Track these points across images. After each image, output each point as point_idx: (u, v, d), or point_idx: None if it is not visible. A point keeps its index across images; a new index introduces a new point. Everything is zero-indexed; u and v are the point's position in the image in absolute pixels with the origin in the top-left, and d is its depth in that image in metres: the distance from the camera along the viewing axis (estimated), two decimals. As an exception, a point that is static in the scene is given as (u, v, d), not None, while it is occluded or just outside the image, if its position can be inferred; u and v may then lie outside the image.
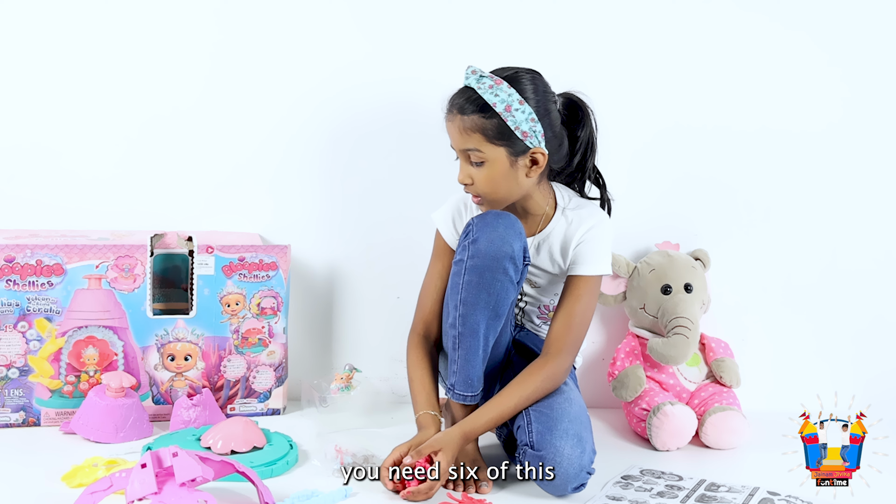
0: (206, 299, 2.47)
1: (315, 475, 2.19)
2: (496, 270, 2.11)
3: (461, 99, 2.17)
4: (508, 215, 2.16)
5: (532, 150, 2.18)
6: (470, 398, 2.21)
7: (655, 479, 2.26)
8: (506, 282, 2.13)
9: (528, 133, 2.15)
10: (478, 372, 2.20)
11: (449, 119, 2.20)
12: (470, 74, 2.17)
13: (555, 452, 2.07)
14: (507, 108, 2.14)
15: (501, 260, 2.11)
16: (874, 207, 2.79)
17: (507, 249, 2.11)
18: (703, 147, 2.72)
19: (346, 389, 2.54)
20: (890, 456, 2.16)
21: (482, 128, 2.15)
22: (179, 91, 2.62)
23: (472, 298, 2.14)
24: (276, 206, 2.67)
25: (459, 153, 2.21)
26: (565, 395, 2.18)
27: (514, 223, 2.15)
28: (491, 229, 2.13)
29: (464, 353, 2.19)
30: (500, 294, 2.13)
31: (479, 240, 2.13)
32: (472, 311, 2.15)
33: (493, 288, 2.13)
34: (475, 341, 2.17)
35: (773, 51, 2.71)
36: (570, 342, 2.23)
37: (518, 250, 2.13)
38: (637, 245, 2.71)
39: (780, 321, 2.79)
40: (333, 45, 2.63)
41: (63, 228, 2.57)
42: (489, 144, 2.16)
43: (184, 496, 1.81)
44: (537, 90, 2.18)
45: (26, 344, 2.39)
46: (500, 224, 2.13)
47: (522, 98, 2.15)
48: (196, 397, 2.42)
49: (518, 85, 2.16)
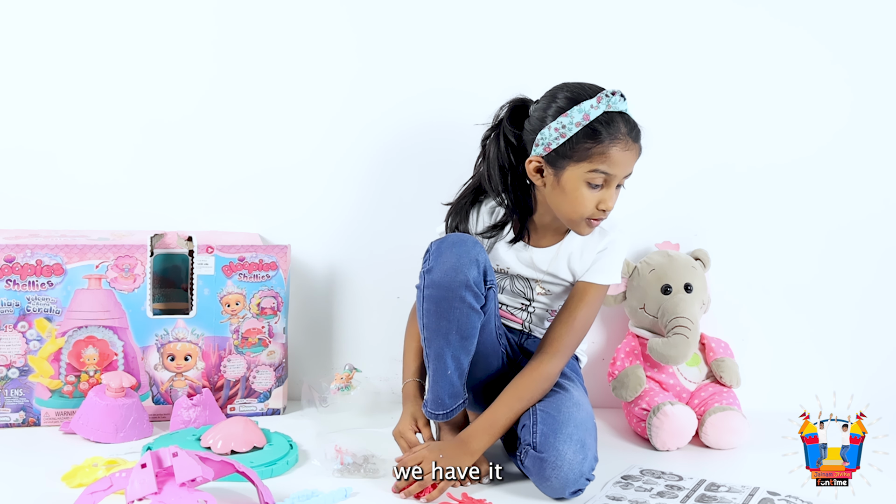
0: (206, 299, 2.47)
1: (315, 475, 2.19)
2: (453, 300, 2.09)
3: (635, 129, 2.18)
4: (465, 240, 2.12)
5: None
6: (442, 416, 2.22)
7: (655, 479, 2.26)
8: (465, 309, 2.10)
9: None
10: (448, 391, 2.19)
11: (626, 147, 2.16)
12: (622, 100, 2.16)
13: (556, 455, 2.06)
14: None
15: (457, 290, 2.08)
16: (873, 207, 2.79)
17: (461, 279, 2.08)
18: (703, 147, 2.72)
19: (346, 389, 2.54)
20: (890, 455, 2.16)
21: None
22: (181, 92, 2.62)
23: (433, 325, 2.13)
24: (276, 206, 2.67)
25: (620, 180, 2.20)
26: (574, 399, 2.18)
27: (471, 249, 2.11)
28: (445, 258, 2.09)
29: (432, 374, 2.20)
30: (460, 321, 2.11)
31: (434, 269, 2.10)
32: (434, 336, 2.14)
33: (451, 316, 2.11)
34: (441, 364, 2.16)
35: (775, 50, 2.71)
36: (569, 344, 2.23)
37: (476, 277, 2.10)
38: (637, 245, 2.71)
39: (780, 321, 2.80)
40: (333, 47, 2.64)
41: (63, 228, 2.57)
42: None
43: (184, 496, 1.81)
44: None
45: (26, 344, 2.39)
46: (454, 252, 2.10)
47: None
48: (196, 397, 2.42)
49: None
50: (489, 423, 2.16)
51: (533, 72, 2.34)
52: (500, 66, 2.64)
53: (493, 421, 2.16)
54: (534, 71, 2.37)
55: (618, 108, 2.15)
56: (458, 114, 2.52)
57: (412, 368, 2.34)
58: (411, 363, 2.35)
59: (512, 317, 2.38)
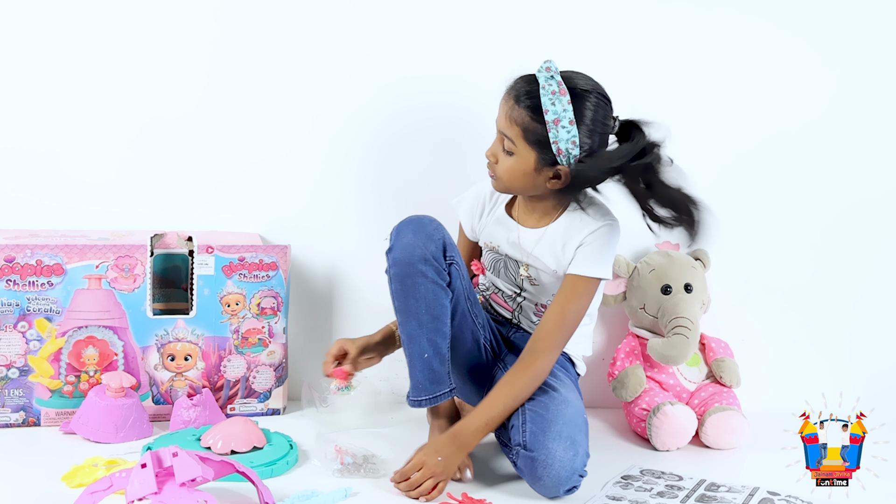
0: (206, 299, 2.47)
1: (315, 475, 2.19)
2: (414, 275, 2.14)
3: (522, 88, 2.17)
4: (422, 219, 2.19)
5: (558, 167, 2.17)
6: (425, 402, 2.24)
7: (655, 479, 2.26)
8: (427, 284, 2.15)
9: (563, 152, 2.14)
10: (429, 376, 2.22)
11: (504, 98, 2.20)
12: (543, 70, 2.15)
13: (547, 454, 2.07)
14: (555, 121, 2.12)
15: (415, 264, 2.14)
16: (873, 207, 2.79)
17: (419, 253, 2.14)
18: (702, 147, 2.72)
19: (346, 389, 2.54)
20: (890, 443, 2.15)
21: (525, 126, 2.15)
22: (180, 92, 2.62)
23: (402, 306, 2.18)
24: (276, 206, 2.67)
25: (498, 132, 2.22)
26: (562, 396, 2.18)
27: (427, 226, 2.18)
28: (402, 236, 2.16)
29: (409, 359, 2.23)
30: (427, 297, 2.16)
31: (394, 248, 2.17)
32: (406, 318, 2.19)
33: (417, 293, 2.15)
34: (417, 347, 2.20)
35: (773, 49, 2.72)
36: (559, 340, 2.23)
37: (434, 251, 2.15)
38: (637, 245, 2.71)
39: (780, 321, 2.80)
40: (335, 45, 2.64)
41: (63, 228, 2.57)
42: (524, 143, 2.16)
43: (184, 496, 1.81)
44: (595, 116, 2.16)
45: (26, 344, 2.39)
46: (411, 229, 2.17)
47: (575, 119, 2.13)
48: (196, 397, 2.42)
49: (579, 104, 2.14)
50: (483, 420, 2.16)
51: (527, 56, 2.33)
52: (496, 50, 2.64)
53: (486, 418, 2.16)
54: (528, 55, 2.36)
55: (535, 74, 2.18)
56: (456, 106, 2.54)
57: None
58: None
59: (504, 304, 2.39)
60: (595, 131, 2.15)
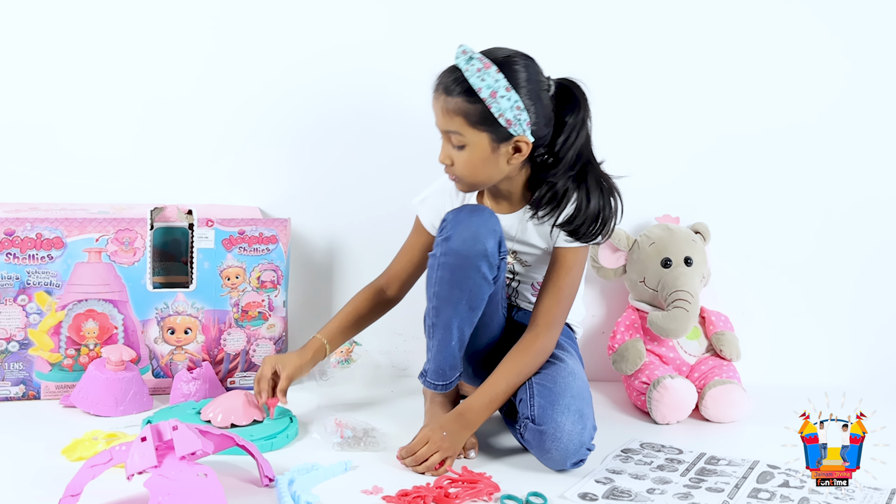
0: (205, 273, 2.47)
1: (315, 449, 2.19)
2: (469, 269, 2.10)
3: (448, 79, 2.12)
4: (483, 210, 2.14)
5: (516, 139, 2.12)
6: (441, 387, 2.23)
7: (655, 453, 2.26)
8: (479, 279, 2.11)
9: (512, 121, 2.09)
10: (450, 362, 2.21)
11: (434, 98, 2.15)
12: (460, 55, 2.11)
13: (556, 428, 2.07)
14: (492, 94, 2.08)
15: (474, 259, 2.09)
16: (874, 180, 2.78)
17: (479, 248, 2.09)
18: (703, 120, 2.72)
19: (346, 363, 2.55)
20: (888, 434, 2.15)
21: (465, 112, 2.10)
22: (180, 65, 2.61)
23: (444, 294, 2.13)
24: (276, 179, 2.67)
25: (442, 133, 2.17)
26: (569, 368, 2.18)
27: (489, 219, 2.12)
28: (464, 227, 2.10)
29: (436, 343, 2.20)
30: (473, 291, 2.12)
31: (453, 237, 2.10)
32: (444, 305, 2.14)
33: (465, 285, 2.11)
34: (447, 334, 2.17)
35: (773, 21, 2.71)
36: (559, 315, 2.22)
37: (492, 247, 2.10)
38: (637, 218, 2.70)
39: (780, 295, 2.80)
40: (332, 20, 2.63)
41: (63, 202, 2.57)
42: (471, 129, 2.11)
43: (184, 469, 1.82)
44: (529, 77, 2.11)
45: (26, 317, 2.39)
46: (474, 221, 2.11)
47: (510, 85, 2.08)
48: (196, 371, 2.42)
49: (508, 70, 2.09)
50: (487, 398, 2.16)
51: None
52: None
53: (491, 396, 2.16)
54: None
55: (454, 63, 2.14)
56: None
57: (328, 326, 2.34)
58: (332, 321, 2.35)
59: None
60: (534, 90, 2.11)
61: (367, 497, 1.99)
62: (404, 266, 2.37)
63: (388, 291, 2.37)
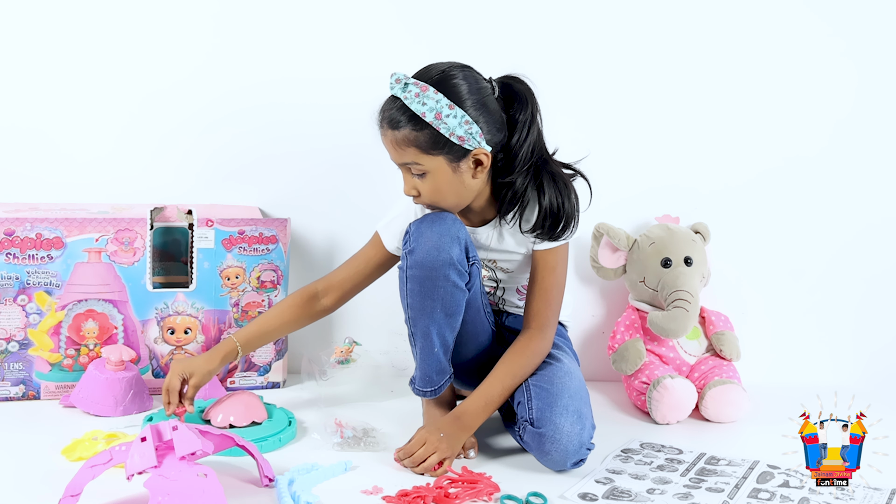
0: (205, 273, 2.47)
1: (315, 449, 2.19)
2: (437, 279, 2.09)
3: (389, 111, 2.08)
4: (446, 218, 2.11)
5: (473, 153, 2.09)
6: (430, 393, 2.23)
7: (655, 453, 2.26)
8: (449, 287, 2.10)
9: (464, 137, 2.06)
10: (436, 367, 2.20)
11: (381, 134, 2.11)
12: (394, 83, 2.06)
13: (555, 429, 2.07)
14: (437, 115, 2.04)
15: (441, 268, 2.08)
16: (876, 180, 2.78)
17: (444, 257, 2.07)
18: (703, 120, 2.72)
19: (346, 363, 2.54)
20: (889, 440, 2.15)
21: (415, 140, 2.06)
22: (179, 65, 2.61)
23: (417, 305, 2.13)
24: (276, 179, 2.67)
25: (400, 167, 2.14)
26: (565, 368, 2.18)
27: (451, 226, 2.09)
28: (426, 238, 2.08)
29: (419, 351, 2.20)
30: (445, 299, 2.11)
31: (416, 250, 2.09)
32: (419, 315, 2.14)
33: (436, 294, 2.10)
34: (428, 342, 2.17)
35: (776, 28, 2.71)
36: (551, 315, 2.22)
37: (458, 254, 2.08)
38: (637, 218, 2.71)
39: (780, 295, 2.80)
40: (333, 20, 2.63)
41: (63, 202, 2.56)
42: (426, 156, 2.07)
43: (183, 470, 1.82)
44: (470, 88, 2.07)
45: (26, 317, 2.39)
46: (436, 230, 2.09)
47: (452, 102, 2.04)
48: (196, 371, 2.42)
49: (446, 87, 2.05)
50: (483, 401, 2.16)
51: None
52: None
53: (487, 398, 2.16)
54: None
55: (390, 94, 2.10)
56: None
57: (246, 328, 2.31)
58: (251, 324, 2.32)
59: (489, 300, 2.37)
60: (478, 100, 2.07)
61: (367, 497, 1.99)
62: (350, 276, 2.33)
63: (324, 300, 2.33)
